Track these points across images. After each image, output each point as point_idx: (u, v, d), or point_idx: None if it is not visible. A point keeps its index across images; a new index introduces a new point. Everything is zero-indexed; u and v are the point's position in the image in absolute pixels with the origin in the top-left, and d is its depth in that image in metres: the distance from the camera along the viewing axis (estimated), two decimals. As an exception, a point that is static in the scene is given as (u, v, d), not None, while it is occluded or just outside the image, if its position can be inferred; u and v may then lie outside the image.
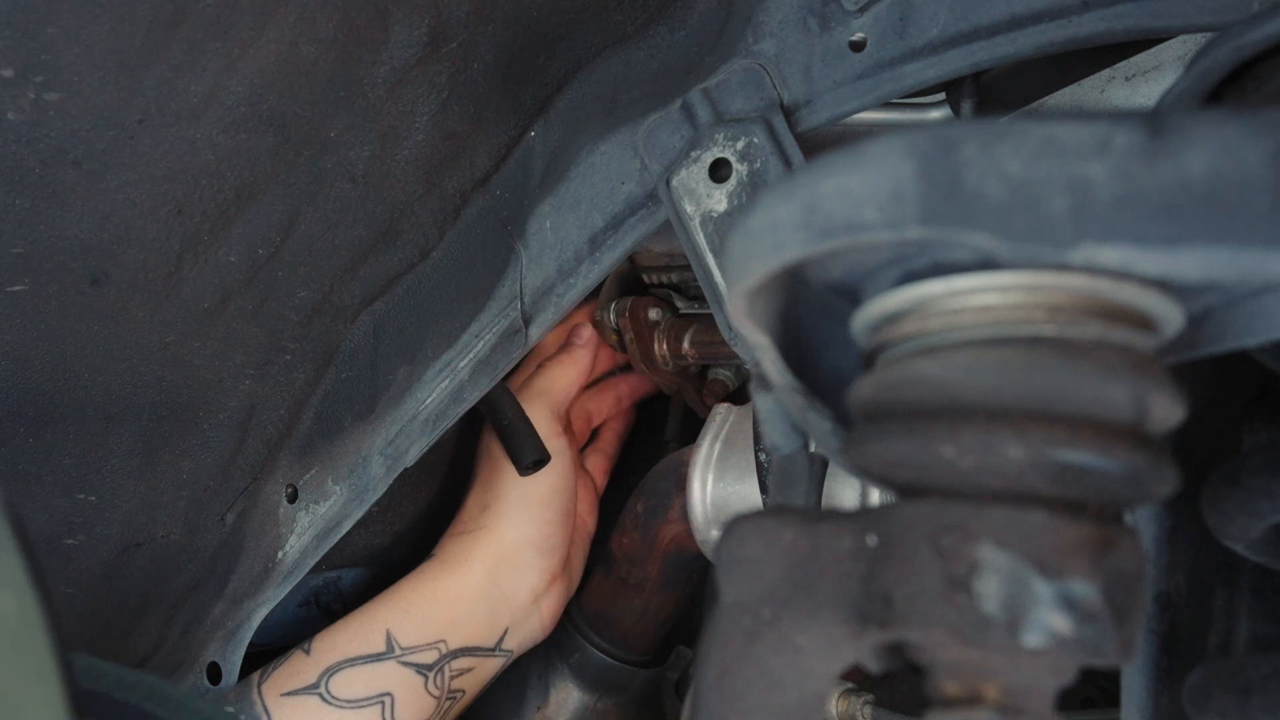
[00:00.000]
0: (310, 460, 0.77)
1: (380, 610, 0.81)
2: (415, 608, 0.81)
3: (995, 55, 0.56)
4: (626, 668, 0.92)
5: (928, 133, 0.28)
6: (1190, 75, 0.40)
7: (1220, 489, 0.46)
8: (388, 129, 0.64)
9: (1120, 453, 0.29)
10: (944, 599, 0.29)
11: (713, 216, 0.62)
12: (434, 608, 0.81)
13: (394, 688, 0.78)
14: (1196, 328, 0.34)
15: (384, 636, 0.79)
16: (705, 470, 0.80)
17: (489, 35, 0.64)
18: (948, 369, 0.30)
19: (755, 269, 0.32)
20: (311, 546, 0.77)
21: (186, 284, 0.64)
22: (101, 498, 0.70)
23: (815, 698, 0.32)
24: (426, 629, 0.80)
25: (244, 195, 0.62)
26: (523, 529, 0.85)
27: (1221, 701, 0.46)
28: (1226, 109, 0.28)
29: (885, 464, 0.32)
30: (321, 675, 0.77)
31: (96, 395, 0.65)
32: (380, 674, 0.78)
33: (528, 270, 0.70)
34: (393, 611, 0.80)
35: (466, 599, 0.82)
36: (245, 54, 0.55)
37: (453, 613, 0.81)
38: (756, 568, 0.33)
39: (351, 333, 0.76)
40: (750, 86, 0.63)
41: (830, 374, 0.39)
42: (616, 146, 0.67)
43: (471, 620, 0.82)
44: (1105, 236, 0.26)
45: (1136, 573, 0.29)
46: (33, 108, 0.51)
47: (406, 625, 0.80)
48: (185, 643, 0.79)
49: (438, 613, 0.81)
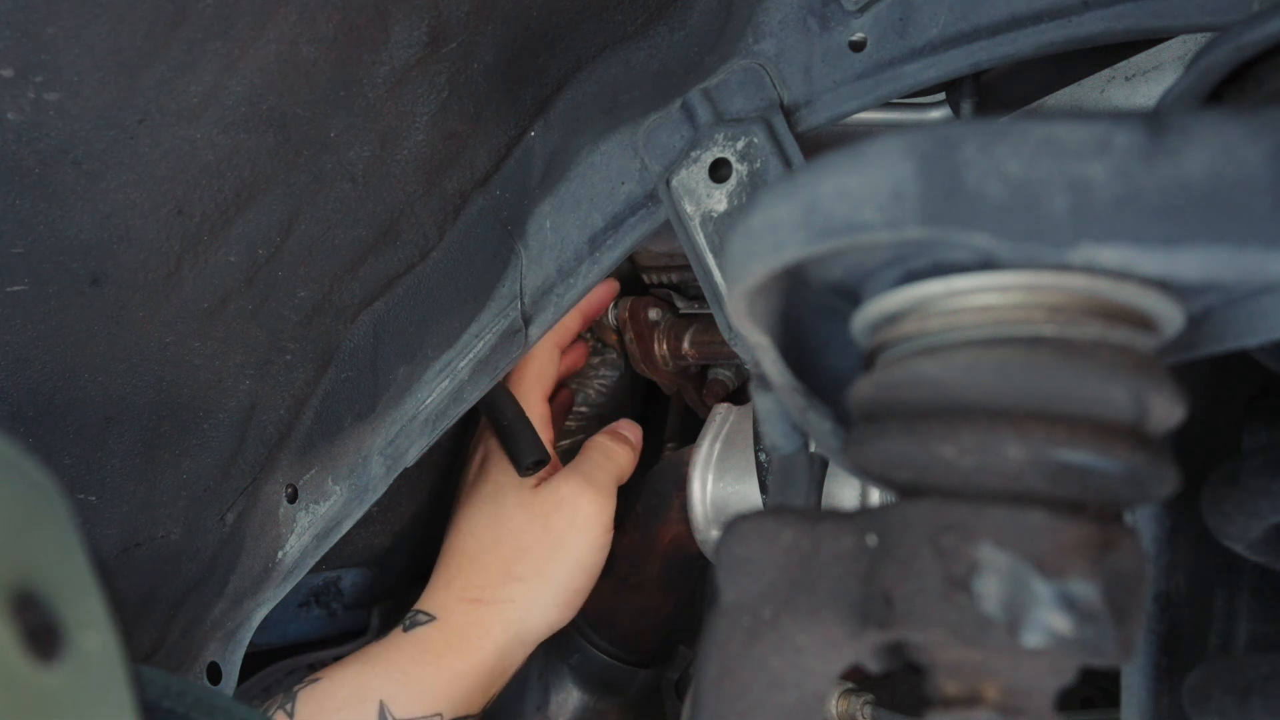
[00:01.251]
0: (310, 460, 0.77)
1: (375, 678, 0.77)
2: (415, 682, 0.77)
3: (995, 55, 0.56)
4: (626, 668, 0.92)
5: (928, 133, 0.28)
6: (1190, 75, 0.40)
7: (1220, 489, 0.46)
8: (388, 129, 0.64)
9: (1120, 453, 0.29)
10: (944, 599, 0.29)
11: (713, 216, 0.62)
12: (436, 684, 0.77)
13: None
14: (1196, 328, 0.34)
15: (377, 708, 0.75)
16: (705, 470, 0.80)
17: (489, 35, 0.64)
18: (948, 369, 0.30)
19: (755, 269, 0.32)
20: (311, 546, 0.77)
21: (186, 284, 0.64)
22: (101, 498, 0.70)
23: (815, 698, 0.32)
24: (424, 703, 0.76)
25: (244, 195, 0.62)
26: (550, 617, 0.80)
27: (1221, 701, 0.46)
28: (1226, 109, 0.28)
29: (885, 464, 0.32)
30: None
31: (96, 395, 0.65)
32: None
33: (528, 270, 0.70)
34: (388, 681, 0.77)
35: (473, 678, 0.78)
36: (245, 54, 0.55)
37: (455, 690, 0.77)
38: (756, 568, 0.33)
39: (351, 333, 0.75)
40: (750, 86, 0.63)
41: (830, 374, 0.39)
42: (616, 146, 0.67)
43: (471, 697, 0.78)
44: (1105, 236, 0.27)
45: (1136, 573, 0.29)
46: (33, 108, 0.51)
47: (402, 698, 0.76)
48: (185, 643, 0.79)
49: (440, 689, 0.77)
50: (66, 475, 0.68)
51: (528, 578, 0.80)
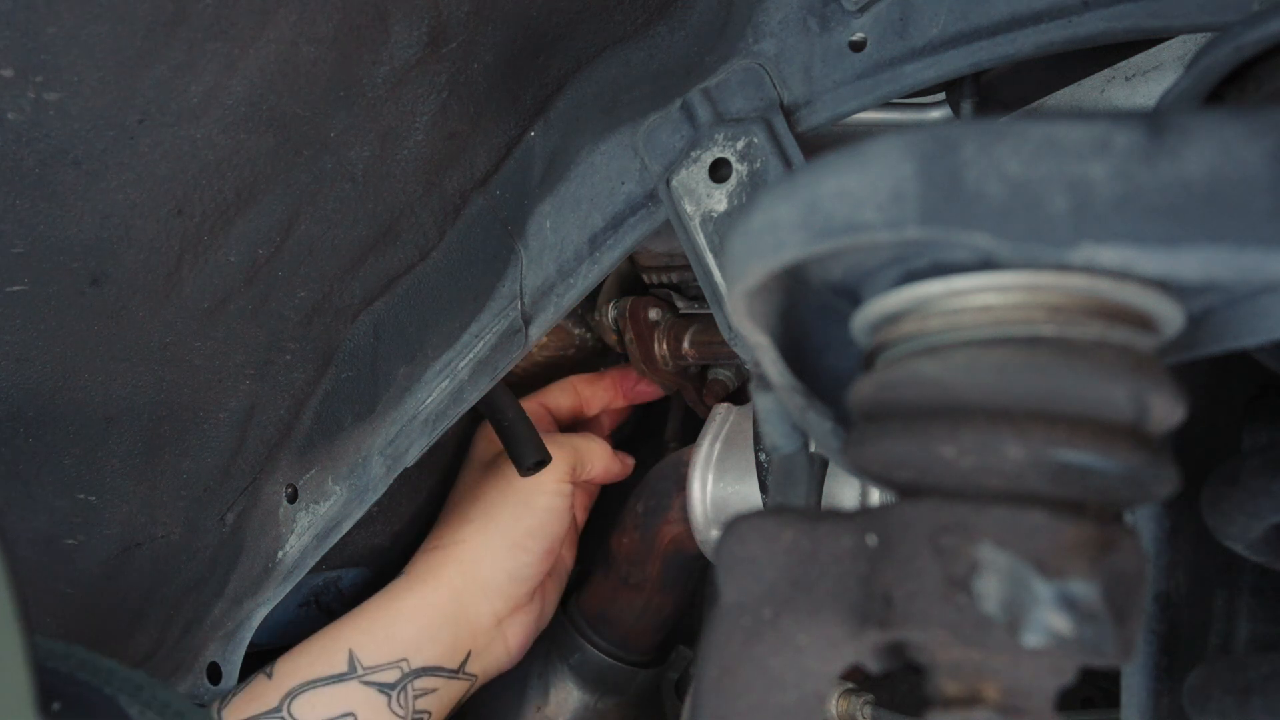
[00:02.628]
0: (310, 460, 0.77)
1: (344, 630, 0.80)
2: (378, 626, 0.79)
3: (995, 55, 0.56)
4: (626, 668, 0.92)
5: (928, 133, 0.28)
6: (1190, 75, 0.40)
7: (1220, 489, 0.46)
8: (388, 129, 0.64)
9: (1120, 453, 0.29)
10: (944, 599, 0.29)
11: (713, 216, 0.62)
12: (396, 626, 0.80)
13: (357, 708, 0.76)
14: (1196, 328, 0.34)
15: (346, 656, 0.78)
16: (705, 470, 0.80)
17: (489, 35, 0.64)
18: (948, 369, 0.30)
19: (755, 269, 0.32)
20: (311, 546, 0.77)
21: (186, 284, 0.64)
22: (101, 498, 0.70)
23: (815, 698, 0.32)
24: (389, 648, 0.79)
25: (244, 195, 0.62)
26: (500, 558, 0.83)
27: (1221, 701, 0.46)
28: (1226, 109, 0.28)
29: (885, 464, 0.32)
30: (284, 699, 0.76)
31: (96, 395, 0.65)
32: (343, 694, 0.77)
33: (528, 270, 0.70)
34: (356, 630, 0.79)
35: (429, 617, 0.81)
36: (245, 54, 0.55)
37: (414, 631, 0.80)
38: (756, 568, 0.33)
39: (351, 333, 0.75)
40: (750, 86, 0.63)
41: (830, 374, 0.39)
42: (616, 146, 0.67)
43: (434, 640, 0.80)
44: (1105, 236, 0.26)
45: (1136, 573, 0.29)
46: (33, 108, 0.51)
47: (369, 645, 0.78)
48: (185, 643, 0.79)
49: (399, 631, 0.79)
50: (66, 475, 0.68)
51: (476, 519, 0.84)
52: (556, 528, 0.85)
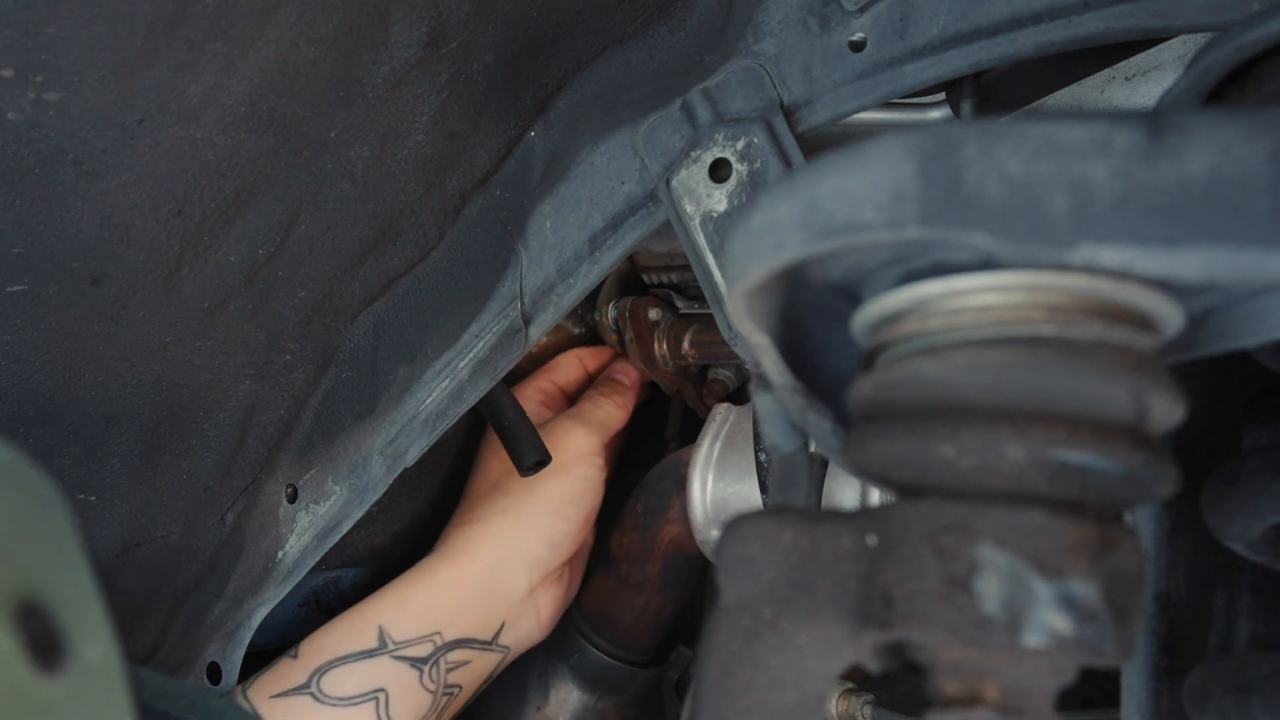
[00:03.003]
0: (310, 460, 0.77)
1: (373, 608, 0.80)
2: (411, 601, 0.80)
3: (995, 55, 0.56)
4: (626, 668, 0.92)
5: (928, 133, 0.28)
6: (1190, 75, 0.40)
7: (1220, 489, 0.46)
8: (388, 129, 0.64)
9: (1120, 453, 0.29)
10: (944, 599, 0.29)
11: (713, 216, 0.62)
12: (431, 598, 0.80)
13: (388, 683, 0.76)
14: (1196, 328, 0.34)
15: (376, 633, 0.78)
16: (705, 470, 0.80)
17: (489, 35, 0.64)
18: (948, 369, 0.30)
19: (755, 269, 0.32)
20: (311, 546, 0.77)
21: (186, 284, 0.64)
22: (101, 498, 0.70)
23: (815, 698, 0.32)
24: (421, 621, 0.79)
25: (244, 195, 0.62)
26: (542, 525, 0.83)
27: (1221, 701, 0.46)
28: (1226, 109, 0.28)
29: (885, 464, 0.32)
30: (312, 675, 0.76)
31: (96, 395, 0.65)
32: (373, 670, 0.77)
33: (528, 270, 0.70)
34: (386, 607, 0.79)
35: (465, 588, 0.81)
36: (245, 54, 0.55)
37: (449, 602, 0.80)
38: (756, 568, 0.33)
39: (351, 333, 0.75)
40: (750, 86, 0.63)
41: (830, 374, 0.39)
42: (616, 146, 0.67)
43: (468, 611, 0.80)
44: (1105, 236, 0.26)
45: (1136, 573, 0.29)
46: (33, 108, 0.51)
47: (401, 620, 0.78)
48: (185, 643, 0.79)
49: (434, 603, 0.79)
50: (66, 475, 0.68)
51: (515, 491, 0.84)
52: (593, 498, 0.86)
